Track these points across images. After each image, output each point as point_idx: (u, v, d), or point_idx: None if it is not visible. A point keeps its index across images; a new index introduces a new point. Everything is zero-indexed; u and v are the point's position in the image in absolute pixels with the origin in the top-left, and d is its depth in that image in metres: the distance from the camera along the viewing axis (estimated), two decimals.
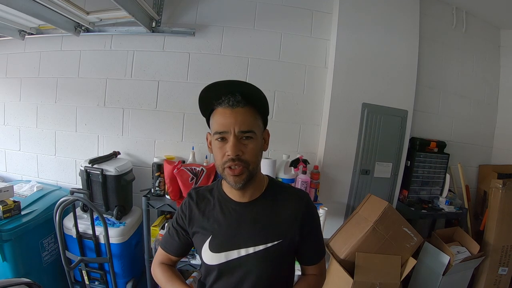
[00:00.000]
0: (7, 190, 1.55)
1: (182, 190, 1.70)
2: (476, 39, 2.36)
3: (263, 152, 0.80)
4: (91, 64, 1.96)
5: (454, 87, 2.32)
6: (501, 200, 1.99)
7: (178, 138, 1.97)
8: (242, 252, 0.78)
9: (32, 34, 1.89)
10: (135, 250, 1.84)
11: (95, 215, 1.61)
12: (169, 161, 1.75)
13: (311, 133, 2.03)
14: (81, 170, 1.71)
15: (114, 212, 1.71)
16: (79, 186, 1.79)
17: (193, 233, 0.84)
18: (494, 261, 1.99)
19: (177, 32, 1.86)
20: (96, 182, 1.69)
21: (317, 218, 0.87)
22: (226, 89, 0.74)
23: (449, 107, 2.32)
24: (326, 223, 1.73)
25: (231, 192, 0.82)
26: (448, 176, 2.22)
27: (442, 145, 2.20)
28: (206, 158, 1.93)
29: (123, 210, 1.76)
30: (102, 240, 1.58)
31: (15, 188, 1.71)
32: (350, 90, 1.93)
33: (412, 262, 1.61)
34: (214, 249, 0.79)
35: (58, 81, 1.99)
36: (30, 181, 1.97)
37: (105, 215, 1.63)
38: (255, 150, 0.74)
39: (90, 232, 1.59)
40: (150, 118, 1.96)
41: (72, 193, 1.54)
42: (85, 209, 1.70)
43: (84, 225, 1.62)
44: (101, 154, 1.86)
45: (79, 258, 1.57)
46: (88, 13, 1.68)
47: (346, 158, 1.98)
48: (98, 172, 1.66)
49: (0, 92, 2.06)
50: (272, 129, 0.86)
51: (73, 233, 1.61)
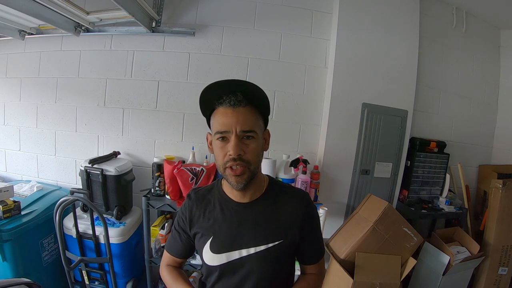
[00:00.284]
0: (7, 190, 1.55)
1: (182, 190, 1.70)
2: (476, 39, 2.36)
3: (264, 152, 0.80)
4: (91, 64, 1.96)
5: (454, 87, 2.32)
6: (501, 200, 1.99)
7: (178, 138, 1.97)
8: (243, 252, 0.78)
9: (32, 34, 1.89)
10: (135, 250, 1.84)
11: (95, 215, 1.61)
12: (169, 161, 1.75)
13: (311, 133, 2.03)
14: (81, 170, 1.71)
15: (114, 212, 1.71)
16: (79, 186, 1.79)
17: (194, 234, 0.84)
18: (494, 261, 1.99)
19: (177, 32, 1.86)
20: (96, 182, 1.69)
21: (317, 218, 0.87)
22: (228, 88, 0.73)
23: (449, 107, 2.32)
24: (326, 223, 1.73)
25: (232, 192, 0.81)
26: (448, 176, 2.22)
27: (442, 145, 2.20)
28: (206, 158, 1.93)
29: (123, 210, 1.77)
30: (102, 240, 1.58)
31: (15, 188, 1.71)
32: (350, 90, 1.93)
33: (412, 262, 1.61)
34: (215, 250, 0.79)
35: (58, 81, 1.99)
36: (30, 181, 1.97)
37: (105, 215, 1.63)
38: (257, 150, 0.74)
39: (90, 232, 1.59)
40: (150, 118, 1.96)
41: (72, 193, 1.54)
42: (85, 209, 1.70)
43: (84, 225, 1.62)
44: (101, 154, 1.86)
45: (79, 258, 1.57)
46: (88, 13, 1.68)
47: (346, 158, 1.98)
48: (98, 172, 1.66)
49: (0, 92, 2.06)
50: (272, 129, 0.86)
51: (73, 233, 1.61)
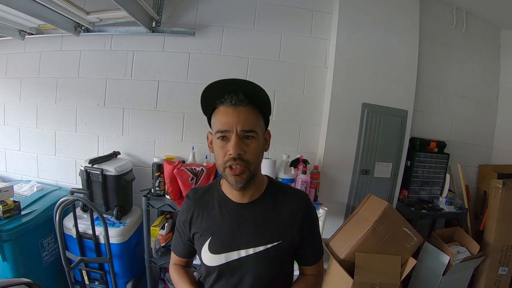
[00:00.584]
0: (7, 190, 1.55)
1: (182, 190, 1.70)
2: (476, 39, 2.36)
3: (264, 152, 0.80)
4: (91, 64, 1.96)
5: (454, 87, 2.32)
6: (501, 200, 1.99)
7: (178, 138, 1.97)
8: (242, 253, 0.78)
9: (32, 34, 1.89)
10: (135, 250, 1.84)
11: (95, 215, 1.61)
12: (169, 161, 1.75)
13: (311, 133, 2.03)
14: (81, 170, 1.71)
15: (114, 212, 1.71)
16: (79, 186, 1.79)
17: (193, 234, 0.84)
18: (494, 261, 1.99)
19: (177, 32, 1.86)
20: (96, 182, 1.69)
21: (316, 218, 0.87)
22: (229, 87, 0.73)
23: (449, 107, 2.32)
24: (326, 223, 1.73)
25: (231, 192, 0.81)
26: (448, 176, 2.22)
27: (442, 145, 2.20)
28: (206, 158, 1.93)
29: (123, 210, 1.77)
30: (102, 240, 1.58)
31: (15, 188, 1.71)
32: (350, 90, 1.93)
33: (412, 262, 1.61)
34: (214, 250, 0.79)
35: (58, 81, 1.99)
36: (30, 181, 1.97)
37: (105, 215, 1.64)
38: (257, 150, 0.73)
39: (90, 232, 1.59)
40: (150, 118, 1.96)
41: (72, 193, 1.54)
42: (85, 209, 1.70)
43: (84, 225, 1.62)
44: (101, 154, 1.86)
45: (79, 258, 1.57)
46: (88, 13, 1.68)
47: (346, 158, 1.97)
48: (98, 172, 1.66)
49: (0, 92, 2.06)
50: (272, 129, 0.86)
51: (73, 233, 1.61)
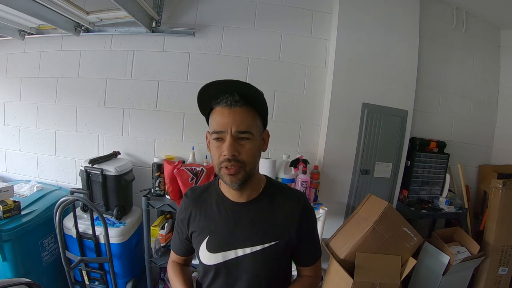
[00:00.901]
0: (7, 190, 1.55)
1: (182, 190, 1.70)
2: (476, 39, 2.36)
3: (263, 152, 0.80)
4: (91, 64, 1.96)
5: (454, 87, 2.32)
6: (501, 200, 1.99)
7: (178, 138, 1.97)
8: (239, 252, 0.78)
9: (32, 34, 1.89)
10: (135, 250, 1.84)
11: (95, 215, 1.61)
12: (169, 161, 1.75)
13: (311, 133, 2.03)
14: (81, 170, 1.71)
15: (114, 212, 1.71)
16: (79, 186, 1.79)
17: (191, 233, 0.84)
18: (494, 261, 1.99)
19: (177, 32, 1.86)
20: (96, 182, 1.69)
21: (314, 219, 0.87)
22: (225, 88, 0.72)
23: (449, 107, 2.32)
24: (326, 223, 1.73)
25: (229, 192, 0.81)
26: (448, 176, 2.22)
27: (442, 145, 2.20)
28: (206, 158, 1.93)
29: (123, 210, 1.76)
30: (102, 240, 1.58)
31: (15, 188, 1.71)
32: (350, 90, 1.93)
33: (412, 262, 1.61)
34: (211, 249, 0.79)
35: (58, 81, 1.99)
36: (30, 181, 1.97)
37: (105, 215, 1.63)
38: (252, 150, 0.73)
39: (90, 232, 1.59)
40: (150, 118, 1.96)
41: (72, 193, 1.54)
42: (85, 209, 1.70)
43: (84, 225, 1.62)
44: (101, 154, 1.86)
45: (79, 258, 1.57)
46: (88, 13, 1.68)
47: (346, 158, 1.98)
48: (98, 172, 1.66)
49: (0, 92, 2.06)
50: (272, 129, 0.86)
51: (73, 233, 1.61)
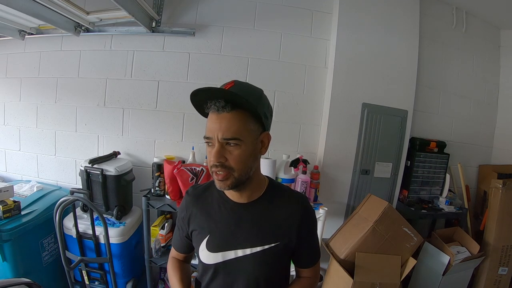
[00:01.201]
0: (7, 190, 1.55)
1: (182, 190, 1.70)
2: (476, 39, 2.36)
3: (258, 156, 0.77)
4: (91, 64, 1.96)
5: (454, 87, 2.32)
6: (501, 200, 1.99)
7: (178, 138, 1.97)
8: (239, 252, 0.78)
9: (32, 34, 1.89)
10: (135, 250, 1.84)
11: (95, 215, 1.61)
12: (169, 161, 1.75)
13: (311, 133, 2.03)
14: (81, 170, 1.71)
15: (114, 212, 1.71)
16: (79, 186, 1.79)
17: (191, 231, 0.84)
18: (494, 261, 1.99)
19: (177, 32, 1.86)
20: (96, 182, 1.69)
21: (314, 222, 0.86)
22: (211, 94, 0.70)
23: (449, 107, 2.32)
24: (326, 223, 1.73)
25: (230, 192, 0.80)
26: (448, 176, 2.22)
27: (442, 145, 2.20)
28: (206, 158, 1.91)
29: (123, 210, 1.76)
30: (102, 240, 1.58)
31: (15, 188, 1.71)
32: (350, 90, 1.93)
33: (412, 262, 1.61)
34: (211, 248, 0.79)
35: (58, 81, 1.99)
36: (30, 181, 1.97)
37: (105, 215, 1.63)
38: (241, 157, 0.70)
39: (90, 232, 1.59)
40: (150, 118, 1.96)
41: (72, 193, 1.54)
42: (85, 209, 1.70)
43: (84, 225, 1.62)
44: (101, 154, 1.86)
45: (79, 258, 1.57)
46: (88, 13, 1.68)
47: (346, 158, 1.98)
48: (98, 172, 1.66)
49: (0, 92, 2.06)
50: (272, 129, 0.84)
51: (73, 233, 1.61)
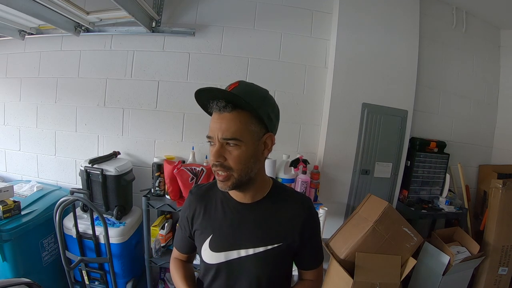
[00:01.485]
0: (7, 190, 1.55)
1: (182, 190, 1.70)
2: (476, 39, 2.36)
3: (261, 157, 0.77)
4: (91, 64, 1.96)
5: (454, 87, 2.32)
6: (501, 200, 1.99)
7: (178, 138, 1.97)
8: (242, 253, 0.78)
9: (32, 34, 1.89)
10: (135, 250, 1.84)
11: (95, 215, 1.61)
12: (169, 161, 1.75)
13: (311, 133, 2.03)
14: (81, 170, 1.71)
15: (114, 212, 1.71)
16: (79, 186, 1.79)
17: (194, 231, 0.84)
18: (494, 261, 1.99)
19: (177, 32, 1.86)
20: (96, 182, 1.69)
21: (318, 224, 0.86)
22: (213, 94, 0.70)
23: (449, 107, 2.32)
24: (326, 223, 1.73)
25: (234, 192, 0.80)
26: (448, 176, 2.22)
27: (442, 145, 2.20)
28: (206, 158, 1.93)
29: (123, 210, 1.76)
30: (102, 240, 1.58)
31: (15, 188, 1.71)
32: (350, 90, 1.93)
33: (412, 262, 1.61)
34: (214, 248, 0.79)
35: (58, 81, 1.99)
36: (30, 181, 1.97)
37: (105, 215, 1.63)
38: (241, 157, 0.70)
39: (90, 232, 1.59)
40: (150, 118, 1.96)
41: (72, 193, 1.54)
42: (85, 209, 1.70)
43: (84, 225, 1.62)
44: (101, 154, 1.86)
45: (79, 258, 1.57)
46: (88, 13, 1.68)
47: (346, 158, 1.97)
48: (98, 172, 1.66)
49: (0, 92, 2.06)
50: None
51: (73, 233, 1.61)
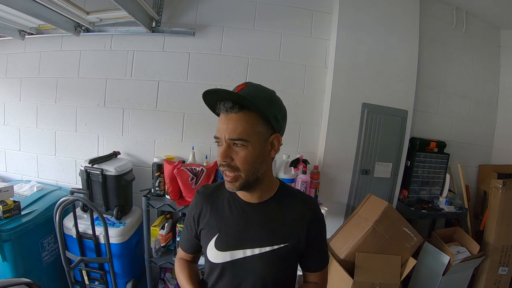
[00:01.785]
0: (7, 190, 1.55)
1: (182, 190, 1.70)
2: (476, 39, 2.36)
3: (268, 158, 0.79)
4: (91, 64, 1.96)
5: (454, 87, 2.32)
6: (501, 200, 1.99)
7: (178, 138, 1.97)
8: (248, 252, 0.78)
9: (32, 34, 1.89)
10: (135, 250, 1.84)
11: (95, 215, 1.61)
12: (169, 161, 1.75)
13: (311, 133, 2.03)
14: (81, 170, 1.71)
15: (114, 212, 1.71)
16: (79, 186, 1.79)
17: (200, 230, 0.84)
18: (494, 261, 1.99)
19: (177, 32, 1.86)
20: (96, 182, 1.69)
21: (323, 226, 0.87)
22: (220, 95, 0.71)
23: (449, 107, 2.32)
24: (326, 223, 1.73)
25: (241, 192, 0.81)
26: (448, 176, 2.22)
27: (442, 145, 2.20)
28: (206, 158, 1.92)
29: (123, 210, 1.77)
30: (102, 240, 1.58)
31: (15, 188, 1.71)
32: (350, 90, 1.93)
33: (412, 262, 1.61)
34: (220, 247, 0.79)
35: (58, 81, 1.99)
36: (30, 181, 1.97)
37: (105, 215, 1.64)
38: (247, 158, 0.72)
39: (90, 232, 1.59)
40: (150, 118, 1.96)
41: (72, 193, 1.54)
42: (85, 209, 1.70)
43: (84, 225, 1.62)
44: (101, 154, 1.86)
45: (79, 258, 1.57)
46: (88, 13, 1.68)
47: (346, 158, 1.98)
48: (98, 172, 1.66)
49: (0, 92, 2.06)
50: None
51: (73, 233, 1.61)
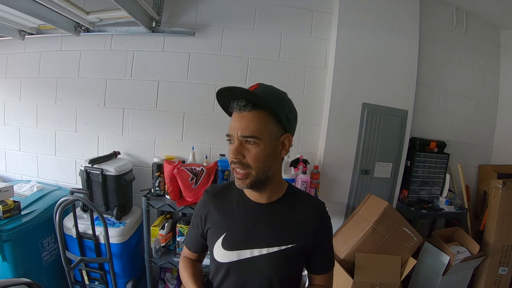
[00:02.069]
0: (7, 190, 1.55)
1: (182, 190, 1.70)
2: (476, 39, 2.36)
3: (279, 157, 0.78)
4: (91, 64, 1.96)
5: (454, 87, 2.32)
6: (501, 200, 1.99)
7: (178, 138, 1.97)
8: (255, 252, 0.78)
9: (32, 34, 1.89)
10: (135, 250, 1.84)
11: (95, 215, 1.61)
12: (169, 161, 1.75)
13: (311, 133, 2.03)
14: (81, 170, 1.71)
15: (114, 212, 1.71)
16: (79, 186, 1.79)
17: (207, 230, 0.84)
18: (494, 261, 1.99)
19: (177, 32, 1.86)
20: (96, 182, 1.69)
21: (330, 229, 0.87)
22: (234, 93, 0.73)
23: (449, 107, 2.32)
24: None
25: (249, 191, 0.81)
26: (448, 176, 2.22)
27: (442, 145, 2.20)
28: (206, 158, 1.93)
29: (123, 210, 1.77)
30: (102, 240, 1.58)
31: (15, 188, 1.71)
32: (350, 90, 1.93)
33: (412, 262, 1.61)
34: (227, 246, 0.79)
35: (58, 81, 1.99)
36: (30, 181, 1.97)
37: (105, 215, 1.64)
38: (259, 155, 0.72)
39: (90, 232, 1.59)
40: (150, 118, 1.96)
41: (72, 193, 1.54)
42: (85, 209, 1.71)
43: (84, 225, 1.62)
44: (101, 154, 1.86)
45: (79, 258, 1.58)
46: (88, 13, 1.68)
47: (346, 158, 1.98)
48: (98, 172, 1.66)
49: (0, 92, 2.06)
50: None
51: (73, 233, 1.61)
